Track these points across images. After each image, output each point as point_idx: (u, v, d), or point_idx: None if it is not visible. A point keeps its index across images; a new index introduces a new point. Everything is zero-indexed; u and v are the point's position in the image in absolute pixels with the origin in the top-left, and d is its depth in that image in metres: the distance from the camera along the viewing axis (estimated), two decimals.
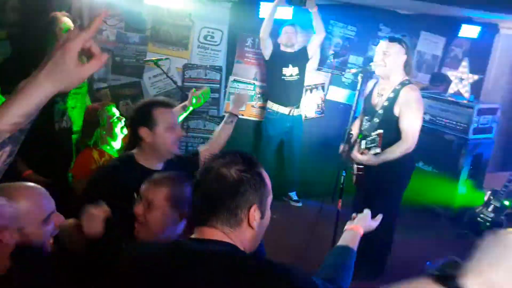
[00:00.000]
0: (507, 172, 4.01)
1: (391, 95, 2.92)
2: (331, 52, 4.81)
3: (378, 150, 2.84)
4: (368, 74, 3.10)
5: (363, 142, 2.97)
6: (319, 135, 4.73)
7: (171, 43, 4.24)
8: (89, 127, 2.66)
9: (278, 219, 4.16)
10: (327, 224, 3.24)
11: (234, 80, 4.50)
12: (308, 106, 4.83)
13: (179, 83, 4.21)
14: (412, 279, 1.01)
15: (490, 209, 3.87)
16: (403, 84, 2.91)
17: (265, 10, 4.09)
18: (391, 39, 2.90)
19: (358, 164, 3.05)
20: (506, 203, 3.77)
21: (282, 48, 4.14)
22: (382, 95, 3.00)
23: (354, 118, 3.14)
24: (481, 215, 3.91)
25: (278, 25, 4.17)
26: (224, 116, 4.41)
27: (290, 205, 4.50)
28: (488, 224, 3.83)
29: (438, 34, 5.29)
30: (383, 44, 2.91)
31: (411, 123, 2.88)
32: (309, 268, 3.28)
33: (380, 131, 2.88)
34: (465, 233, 3.99)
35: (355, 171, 3.14)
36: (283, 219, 4.15)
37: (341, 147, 3.15)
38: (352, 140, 3.24)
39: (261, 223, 1.24)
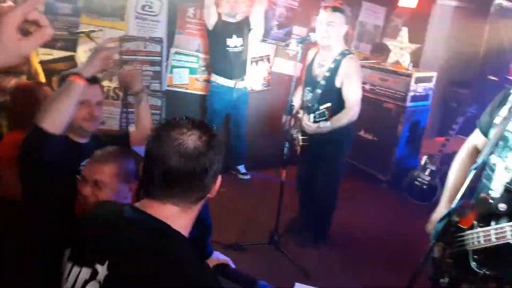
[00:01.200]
0: (442, 137, 4.24)
1: (332, 65, 2.95)
2: (275, 23, 4.77)
3: (328, 124, 2.88)
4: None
5: (311, 115, 3.00)
6: (265, 108, 4.74)
7: (106, 14, 4.00)
8: (23, 107, 2.43)
9: (226, 192, 4.19)
10: (273, 194, 3.29)
11: (176, 53, 4.35)
12: (254, 79, 4.80)
13: (116, 56, 4.00)
14: None
15: (426, 172, 4.10)
16: (343, 55, 2.95)
17: None
18: (334, 9, 2.90)
19: (302, 135, 3.09)
20: None
21: (224, 18, 4.03)
22: (323, 65, 3.03)
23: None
24: (418, 179, 4.13)
25: None
26: (166, 90, 4.36)
27: (239, 178, 4.51)
28: (424, 187, 4.07)
29: (379, 4, 5.38)
30: (325, 15, 2.90)
31: (354, 92, 2.95)
32: (257, 230, 3.37)
33: (328, 104, 2.93)
34: (404, 196, 4.22)
35: (300, 142, 3.18)
36: (232, 192, 4.18)
37: (284, 118, 3.17)
38: (295, 111, 3.27)
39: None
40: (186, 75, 4.46)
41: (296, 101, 3.31)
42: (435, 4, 5.75)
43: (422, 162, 4.13)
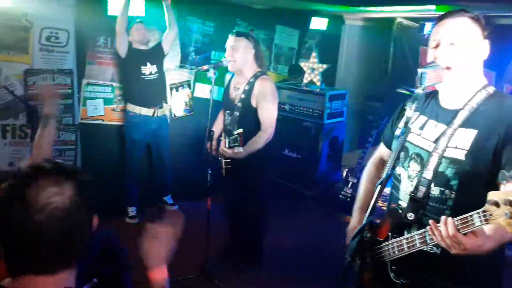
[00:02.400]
0: (359, 150, 4.45)
1: (247, 87, 2.98)
2: (192, 49, 4.76)
3: (240, 149, 2.88)
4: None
5: (226, 141, 2.98)
6: (189, 134, 4.66)
7: (7, 47, 3.71)
8: None
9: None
10: (203, 224, 3.19)
11: (88, 84, 4.15)
12: (176, 105, 4.72)
13: (22, 92, 3.72)
14: None
15: (349, 185, 4.25)
16: (256, 76, 3.00)
17: (114, 6, 3.85)
18: (238, 34, 2.97)
19: (225, 158, 3.06)
20: None
21: (136, 45, 3.93)
22: (238, 88, 3.05)
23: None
24: (342, 192, 4.28)
25: (128, 22, 3.95)
26: (81, 123, 4.12)
27: (166, 209, 4.34)
28: (348, 199, 4.22)
29: (292, 27, 5.60)
30: (230, 40, 2.96)
31: (268, 113, 2.99)
32: (187, 263, 3.24)
33: (240, 130, 2.93)
34: (331, 211, 4.33)
35: (223, 165, 3.16)
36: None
37: (208, 144, 3.13)
38: (216, 135, 3.24)
39: None
40: (101, 106, 4.26)
41: (218, 126, 3.30)
42: (344, 25, 6.13)
43: (344, 175, 4.29)
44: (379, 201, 1.68)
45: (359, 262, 1.72)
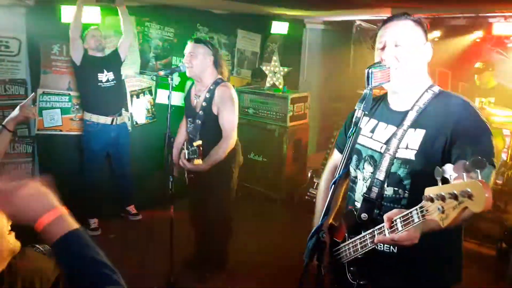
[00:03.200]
0: (323, 152, 4.50)
1: (207, 95, 2.95)
2: (152, 55, 4.69)
3: (200, 161, 2.84)
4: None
5: (186, 152, 2.94)
6: (152, 141, 4.56)
7: None
8: None
9: (116, 238, 3.90)
10: (165, 232, 3.12)
11: (44, 93, 4.00)
12: (138, 112, 4.63)
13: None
14: None
15: (314, 186, 4.28)
16: (216, 84, 2.97)
17: (68, 13, 3.73)
18: (196, 41, 2.94)
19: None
20: None
21: (91, 53, 3.83)
22: (199, 96, 3.01)
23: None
24: (308, 193, 4.30)
25: (83, 29, 3.85)
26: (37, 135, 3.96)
27: (130, 220, 4.24)
28: (314, 200, 4.23)
29: (254, 32, 5.62)
30: (189, 46, 2.93)
31: (229, 121, 2.95)
32: (151, 275, 3.15)
33: (200, 142, 2.89)
34: (297, 213, 4.34)
35: (186, 174, 3.11)
36: (122, 237, 3.90)
37: (174, 152, 3.08)
38: (180, 143, 3.19)
39: None
40: (59, 116, 4.12)
41: (182, 133, 3.25)
42: (305, 28, 6.21)
43: (309, 177, 4.32)
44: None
45: (316, 263, 1.71)
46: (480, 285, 3.15)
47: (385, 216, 1.34)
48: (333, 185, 1.62)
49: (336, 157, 1.96)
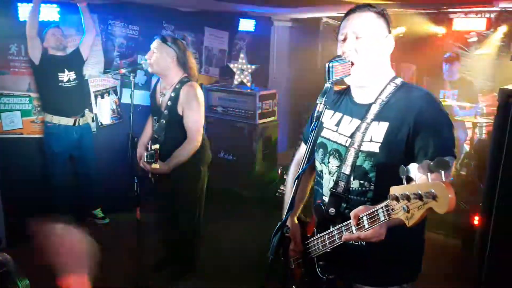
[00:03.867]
0: (294, 149, 4.50)
1: (173, 94, 2.88)
2: (116, 53, 4.57)
3: (157, 165, 2.78)
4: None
5: (145, 155, 2.87)
6: (119, 142, 4.43)
7: None
8: None
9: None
10: (132, 235, 3.04)
11: (2, 95, 3.82)
12: (103, 113, 4.50)
13: None
14: None
15: (285, 183, 4.28)
16: (182, 83, 2.90)
17: (24, 12, 3.59)
18: (161, 39, 2.87)
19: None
20: None
21: (52, 52, 3.69)
22: (164, 94, 2.95)
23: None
24: (279, 191, 4.30)
25: (43, 27, 3.71)
26: None
27: (97, 224, 4.11)
28: None
29: (221, 29, 5.57)
30: (154, 43, 2.86)
31: (193, 121, 2.88)
32: (120, 280, 3.06)
33: (157, 146, 2.84)
34: (268, 210, 4.32)
35: (151, 175, 3.03)
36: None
37: (138, 152, 3.00)
38: (145, 142, 3.11)
39: None
40: (19, 118, 3.95)
41: (148, 132, 3.17)
42: (273, 26, 6.21)
43: (279, 174, 4.31)
44: None
45: (282, 259, 1.70)
46: (445, 275, 3.23)
47: (351, 213, 1.34)
48: (297, 179, 1.61)
49: (302, 151, 1.95)
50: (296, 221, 1.81)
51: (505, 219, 2.62)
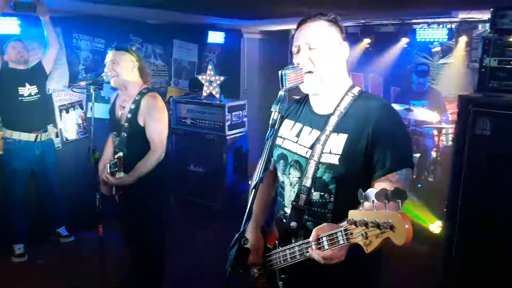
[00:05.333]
0: None
1: (133, 106, 2.81)
2: (81, 67, 4.48)
3: (122, 174, 2.71)
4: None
5: (108, 166, 2.79)
6: (84, 158, 4.28)
7: None
8: None
9: (44, 264, 3.62)
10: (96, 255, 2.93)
11: None
12: (68, 128, 4.38)
13: None
14: None
15: None
16: (142, 94, 2.83)
17: None
18: (118, 48, 2.80)
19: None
20: None
21: (13, 65, 3.59)
22: (124, 107, 2.87)
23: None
24: None
25: (3, 40, 3.61)
26: None
27: (61, 242, 3.96)
28: None
29: (190, 42, 5.55)
30: (110, 54, 2.78)
31: (157, 132, 2.79)
32: None
33: (120, 154, 2.76)
34: (239, 223, 4.26)
35: (115, 191, 2.94)
36: (52, 262, 3.63)
37: (100, 168, 2.90)
38: (108, 158, 3.02)
39: None
40: None
41: (109, 148, 3.07)
42: (242, 38, 6.24)
43: (249, 186, 4.28)
44: None
45: (241, 271, 1.65)
46: (411, 282, 3.25)
47: (313, 231, 1.33)
48: (254, 189, 1.58)
49: None
50: (259, 232, 1.76)
51: (469, 223, 2.66)
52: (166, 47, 5.27)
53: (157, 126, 2.78)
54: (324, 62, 1.52)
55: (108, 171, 2.70)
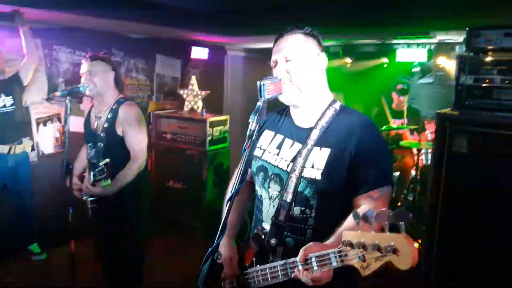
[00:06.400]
0: None
1: (110, 115, 2.76)
2: (61, 80, 4.41)
3: (108, 181, 2.62)
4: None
5: (91, 173, 2.70)
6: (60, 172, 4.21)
7: None
8: None
9: (14, 282, 3.46)
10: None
11: None
12: (45, 141, 4.28)
13: None
14: None
15: None
16: (119, 102, 2.79)
17: None
18: (93, 58, 2.76)
19: (90, 196, 2.76)
20: None
21: None
22: (100, 117, 2.81)
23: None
24: None
25: None
26: None
27: (33, 260, 3.81)
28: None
29: (173, 57, 5.54)
30: (85, 65, 2.73)
31: (137, 140, 2.75)
32: None
33: (107, 160, 2.66)
34: None
35: (89, 205, 2.84)
36: (23, 281, 3.47)
37: (66, 181, 2.80)
38: (79, 171, 2.94)
39: None
40: None
41: (82, 160, 2.99)
42: (226, 54, 6.27)
43: None
44: None
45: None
46: None
47: (301, 250, 1.27)
48: (229, 202, 1.54)
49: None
50: (233, 245, 1.71)
51: (448, 241, 2.66)
52: (148, 61, 5.25)
53: (137, 135, 2.74)
54: (302, 73, 1.52)
55: (91, 180, 2.61)
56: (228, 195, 1.90)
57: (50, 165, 4.23)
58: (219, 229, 1.55)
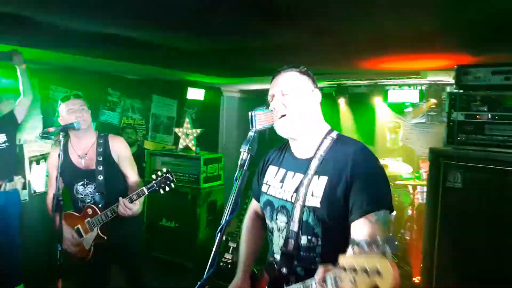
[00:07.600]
0: (240, 215, 4.37)
1: (100, 148, 2.79)
2: (56, 118, 4.42)
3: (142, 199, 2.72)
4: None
5: (128, 197, 2.75)
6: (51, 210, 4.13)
7: None
8: None
9: None
10: None
11: None
12: (37, 179, 4.23)
13: None
14: None
15: (229, 251, 4.06)
16: (104, 136, 2.85)
17: None
18: (76, 96, 2.81)
19: (101, 228, 2.76)
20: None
21: None
22: (86, 154, 2.79)
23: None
24: (223, 260, 4.06)
25: None
26: None
27: None
28: (229, 266, 4.00)
29: (170, 97, 5.62)
30: (76, 103, 2.75)
31: (133, 163, 2.90)
32: None
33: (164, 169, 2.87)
34: (214, 281, 4.04)
35: (94, 240, 2.79)
36: None
37: (57, 217, 2.74)
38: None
39: None
40: None
41: (53, 189, 2.94)
42: (222, 96, 6.38)
43: (224, 241, 4.12)
44: None
45: None
46: None
47: (320, 269, 1.25)
48: (219, 233, 1.54)
49: (253, 204, 1.94)
50: (248, 279, 1.79)
51: (446, 276, 2.61)
52: (144, 101, 5.32)
53: (131, 158, 2.91)
54: (297, 106, 1.58)
55: (131, 200, 2.64)
56: (245, 227, 1.94)
57: (41, 204, 4.14)
58: (210, 261, 1.53)
